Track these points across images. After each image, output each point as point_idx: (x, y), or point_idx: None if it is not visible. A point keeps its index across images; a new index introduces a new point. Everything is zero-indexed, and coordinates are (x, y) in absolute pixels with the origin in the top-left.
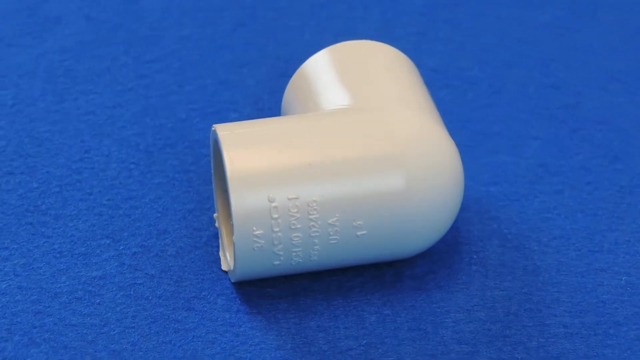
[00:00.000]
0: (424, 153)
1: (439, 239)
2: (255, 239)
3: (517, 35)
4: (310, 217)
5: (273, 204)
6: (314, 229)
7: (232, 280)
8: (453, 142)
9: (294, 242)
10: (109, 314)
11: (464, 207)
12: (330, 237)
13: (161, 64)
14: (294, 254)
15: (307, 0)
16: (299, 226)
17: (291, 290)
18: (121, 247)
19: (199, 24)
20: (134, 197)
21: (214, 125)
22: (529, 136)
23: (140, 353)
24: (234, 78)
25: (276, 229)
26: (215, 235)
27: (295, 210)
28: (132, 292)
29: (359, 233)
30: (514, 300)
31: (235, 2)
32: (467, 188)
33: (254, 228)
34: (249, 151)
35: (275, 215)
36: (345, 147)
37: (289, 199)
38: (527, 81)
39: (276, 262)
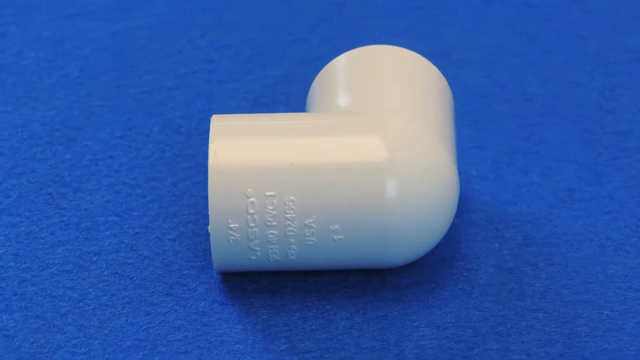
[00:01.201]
0: (410, 165)
1: (424, 253)
2: (230, 231)
3: (593, 56)
4: (286, 215)
5: (250, 199)
6: (289, 228)
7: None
8: (450, 159)
9: (269, 239)
10: (90, 289)
11: (473, 223)
12: (307, 238)
13: (232, 51)
14: (271, 251)
15: (401, 1)
16: (274, 224)
17: (273, 287)
18: (126, 226)
19: (284, 15)
20: (157, 178)
21: (213, 114)
22: (566, 159)
23: (106, 331)
24: (298, 72)
25: (252, 224)
26: None
27: (272, 208)
28: (119, 271)
29: (336, 237)
30: (488, 322)
31: None
32: (484, 204)
33: (230, 221)
34: (234, 144)
35: (252, 211)
36: (328, 150)
37: (266, 196)
38: (585, 103)
39: (253, 257)
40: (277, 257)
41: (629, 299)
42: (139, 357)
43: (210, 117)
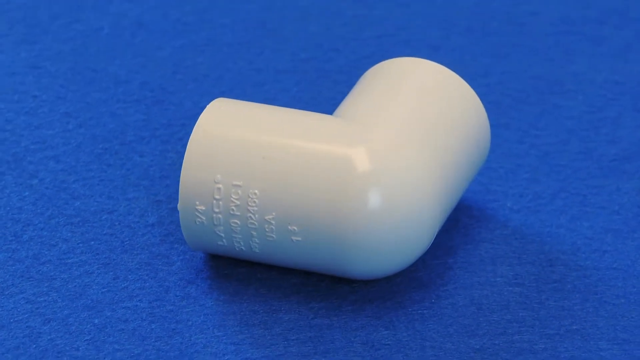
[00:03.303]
0: (382, 180)
1: (390, 272)
2: (197, 213)
3: None
4: (248, 207)
5: (217, 185)
6: (250, 221)
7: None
8: (434, 181)
9: (232, 228)
10: (80, 244)
11: (476, 253)
12: (267, 234)
13: (359, 44)
14: (235, 240)
15: (547, 23)
16: (238, 213)
17: (245, 275)
18: (151, 193)
19: (428, 18)
20: None
21: (218, 98)
22: (609, 208)
23: (69, 286)
24: None
25: (216, 210)
26: None
27: (236, 197)
28: (117, 233)
29: (294, 238)
30: (423, 352)
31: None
32: (499, 237)
33: (197, 202)
34: (217, 129)
35: (217, 197)
36: (299, 151)
37: (232, 185)
38: None
39: (220, 243)
40: (243, 247)
41: (574, 358)
42: (82, 316)
43: (289, 105)
